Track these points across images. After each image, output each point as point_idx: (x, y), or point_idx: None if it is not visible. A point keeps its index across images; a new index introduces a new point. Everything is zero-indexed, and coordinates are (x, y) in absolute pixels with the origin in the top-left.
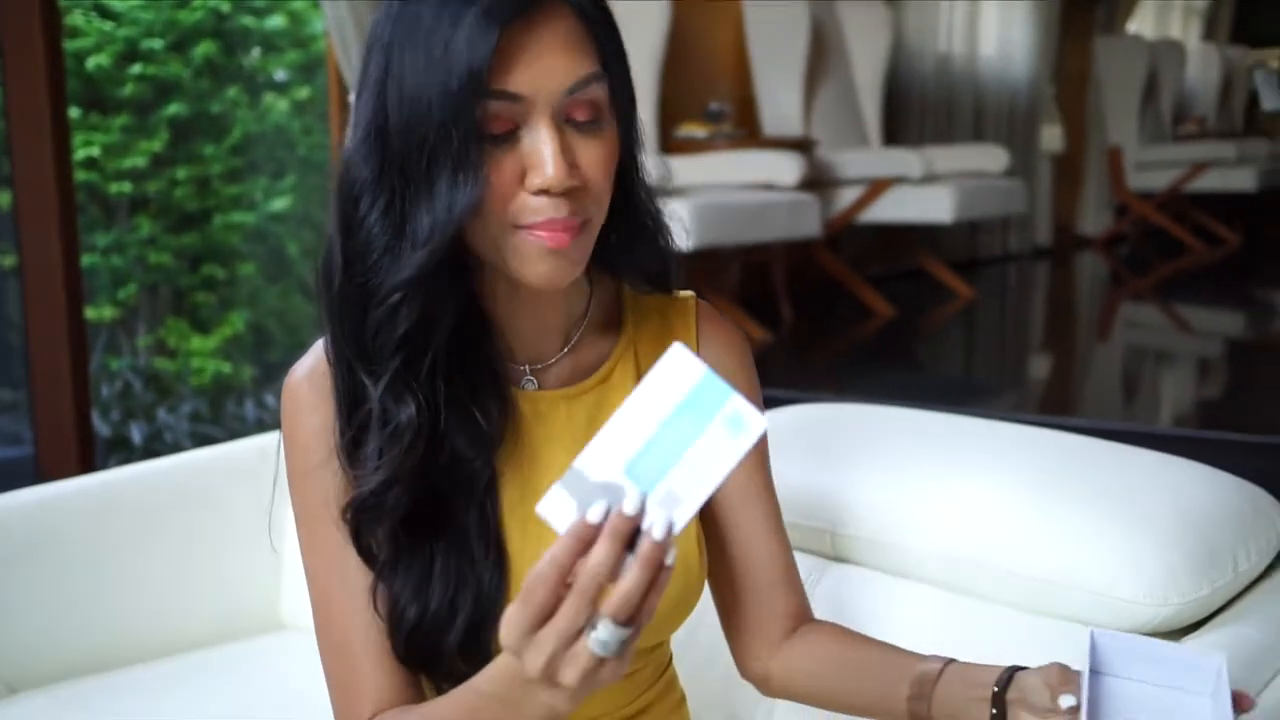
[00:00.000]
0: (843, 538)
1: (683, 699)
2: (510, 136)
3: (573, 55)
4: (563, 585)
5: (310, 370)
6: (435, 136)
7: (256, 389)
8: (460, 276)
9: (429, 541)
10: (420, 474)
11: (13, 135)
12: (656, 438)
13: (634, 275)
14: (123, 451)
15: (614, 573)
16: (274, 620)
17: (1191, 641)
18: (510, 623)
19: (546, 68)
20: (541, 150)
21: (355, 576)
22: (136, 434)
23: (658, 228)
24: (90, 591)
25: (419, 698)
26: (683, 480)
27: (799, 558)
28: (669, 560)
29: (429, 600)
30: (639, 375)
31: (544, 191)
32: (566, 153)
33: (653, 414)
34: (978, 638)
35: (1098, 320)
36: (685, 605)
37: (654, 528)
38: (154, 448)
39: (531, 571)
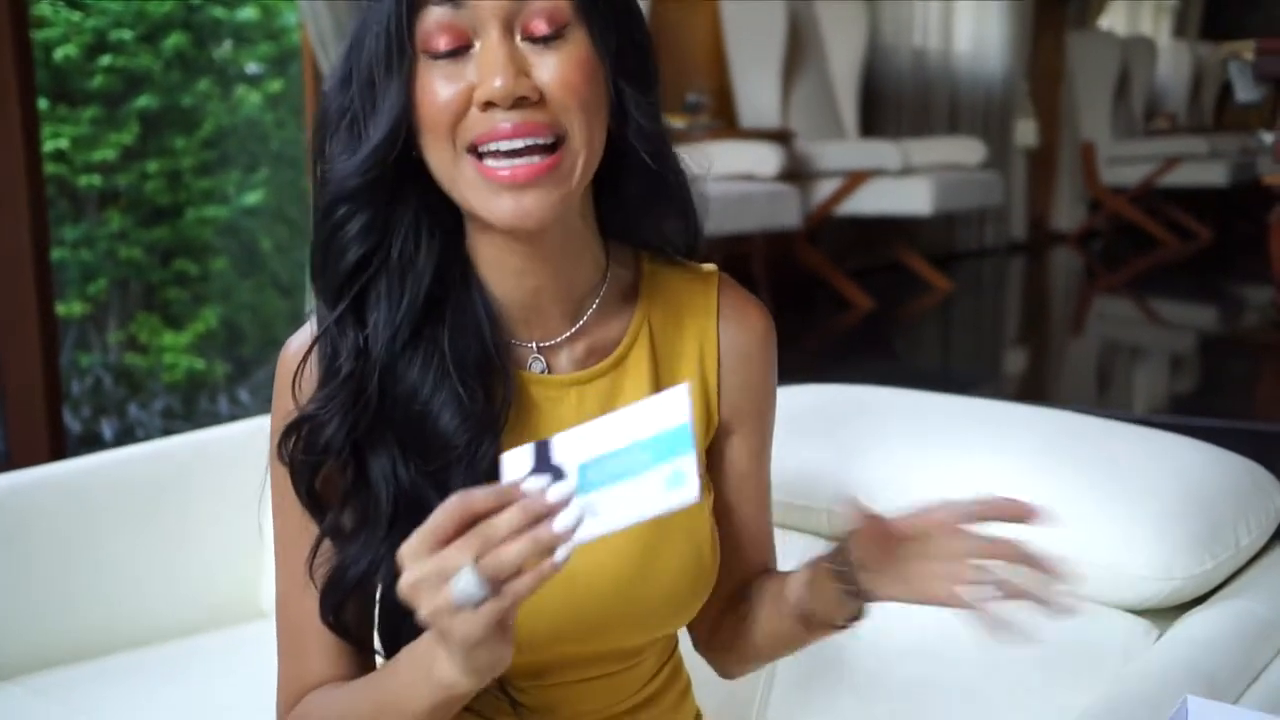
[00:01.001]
0: (841, 516)
1: (688, 686)
2: (461, 52)
3: None
4: (466, 526)
5: (302, 338)
6: (379, 50)
7: (230, 385)
8: (438, 225)
9: (408, 516)
10: (370, 427)
11: None
12: (616, 453)
13: (658, 240)
14: (94, 448)
15: (508, 541)
16: (254, 609)
17: (1195, 615)
18: (411, 538)
19: None
20: (487, 58)
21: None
22: (108, 430)
23: (680, 183)
24: (66, 581)
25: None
26: (608, 502)
27: (795, 538)
28: (558, 557)
29: (386, 573)
30: (654, 356)
31: (491, 105)
32: (517, 62)
33: (629, 432)
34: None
35: (1072, 314)
36: (695, 598)
37: (559, 520)
38: (126, 444)
39: (448, 501)
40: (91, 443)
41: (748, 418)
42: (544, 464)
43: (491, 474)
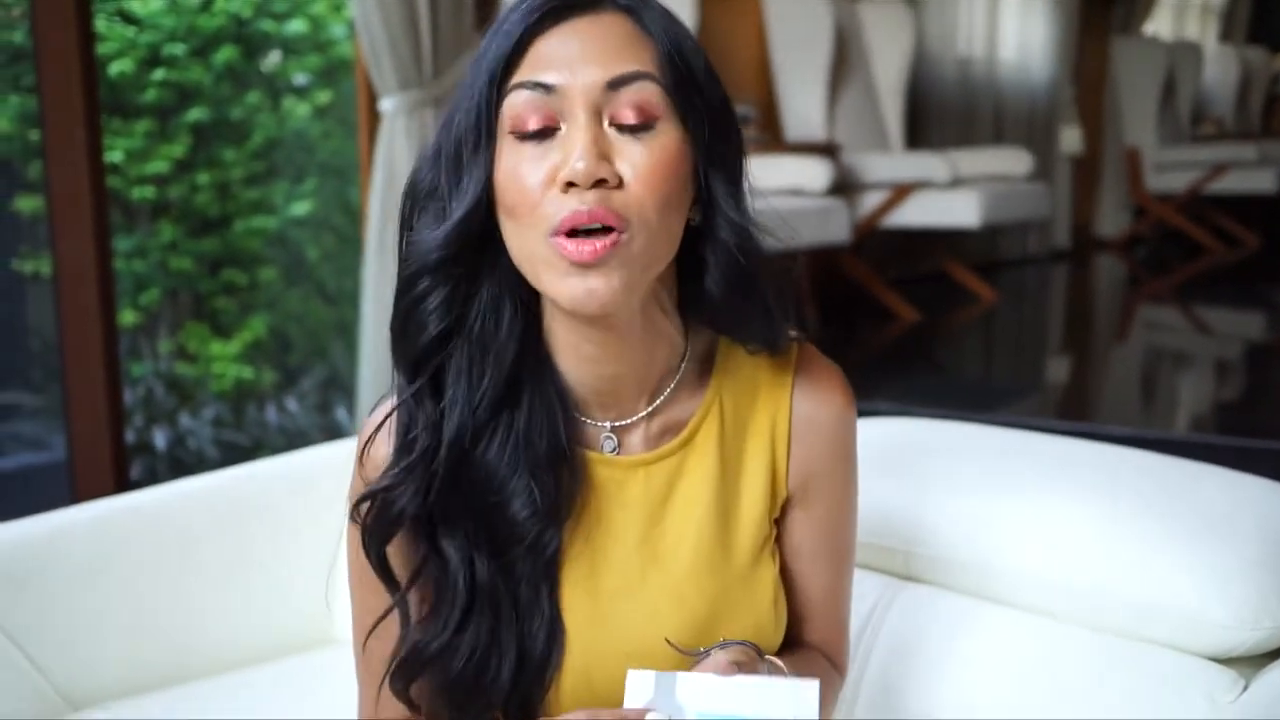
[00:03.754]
0: (919, 557)
1: None
2: (548, 134)
3: (617, 52)
4: None
5: (382, 410)
6: (468, 127)
7: (277, 394)
8: (519, 302)
9: (482, 603)
10: (445, 508)
11: (47, 142)
12: None
13: (739, 335)
14: (146, 457)
15: None
16: (327, 635)
17: None
18: None
19: (584, 59)
20: (571, 140)
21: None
22: (160, 439)
23: (764, 276)
24: (147, 609)
25: None
26: None
27: (870, 576)
28: None
29: (460, 656)
30: (723, 433)
31: (572, 185)
32: (602, 146)
33: (756, 704)
34: (1059, 660)
35: (1117, 323)
36: None
37: None
38: (177, 454)
39: (578, 713)
40: (144, 452)
41: (818, 489)
42: (665, 697)
43: (550, 564)
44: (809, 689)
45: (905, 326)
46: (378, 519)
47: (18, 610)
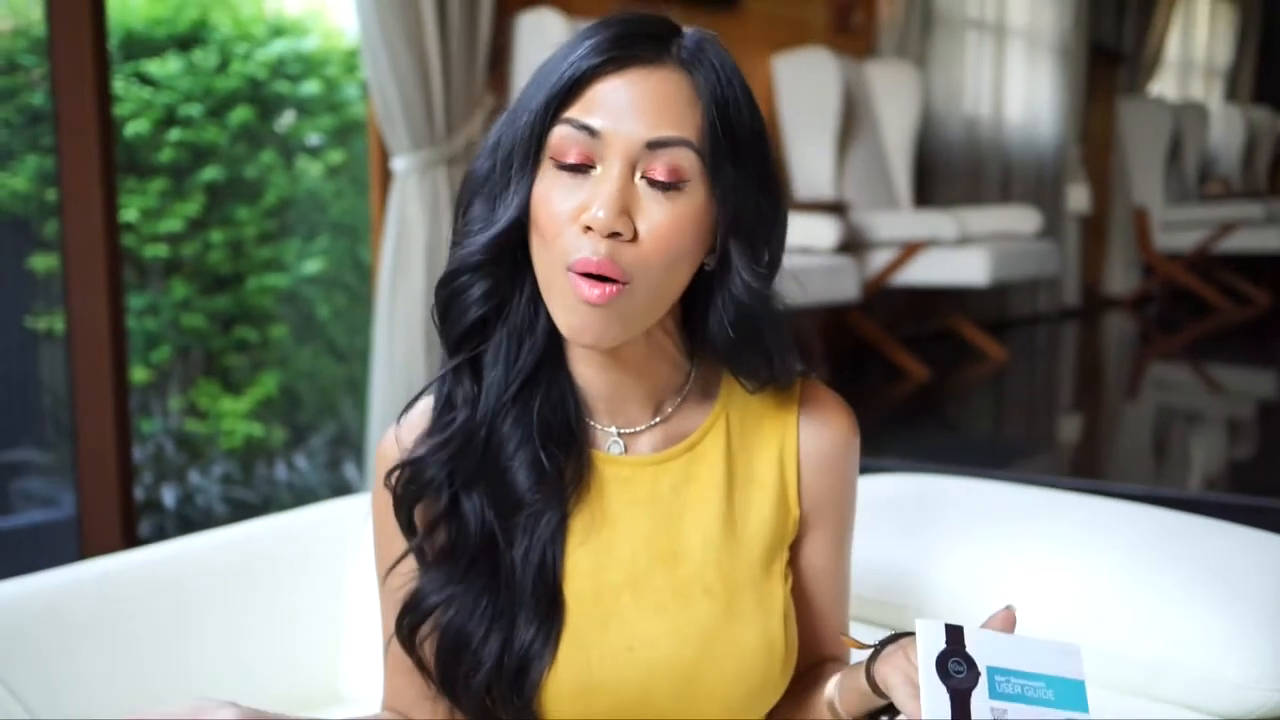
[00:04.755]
0: (930, 615)
1: None
2: (584, 171)
3: (664, 113)
4: None
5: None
6: (520, 141)
7: (287, 451)
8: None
9: (486, 562)
10: (468, 471)
11: (64, 201)
12: (1023, 674)
13: (738, 371)
14: (155, 514)
15: None
16: (332, 693)
17: None
18: None
19: (632, 112)
20: (601, 187)
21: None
22: (169, 497)
23: (771, 332)
24: (152, 664)
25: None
26: (1018, 717)
27: (874, 634)
28: None
29: (455, 609)
30: (729, 444)
31: (589, 229)
32: (625, 200)
33: (1031, 659)
34: None
35: (1128, 380)
36: (771, 686)
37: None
38: (186, 511)
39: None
40: (153, 509)
41: (827, 515)
42: (956, 645)
43: (553, 541)
44: (1075, 653)
45: (915, 384)
46: (408, 485)
47: (22, 665)
